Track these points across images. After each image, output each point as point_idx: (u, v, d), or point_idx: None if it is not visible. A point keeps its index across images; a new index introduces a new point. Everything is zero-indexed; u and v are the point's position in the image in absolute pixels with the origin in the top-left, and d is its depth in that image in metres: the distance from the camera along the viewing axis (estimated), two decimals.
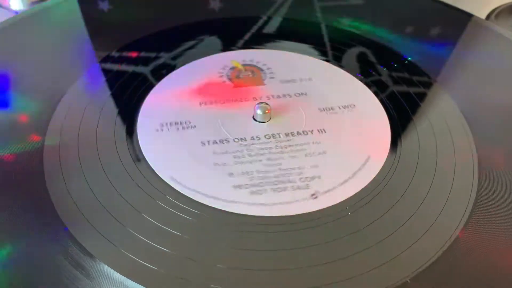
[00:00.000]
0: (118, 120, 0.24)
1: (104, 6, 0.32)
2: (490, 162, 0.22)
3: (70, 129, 0.23)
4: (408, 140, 0.23)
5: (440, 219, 0.19)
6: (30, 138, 0.22)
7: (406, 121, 0.24)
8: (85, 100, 0.25)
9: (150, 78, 0.27)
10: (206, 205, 0.19)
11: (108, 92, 0.26)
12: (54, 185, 0.20)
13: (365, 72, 0.28)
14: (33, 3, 0.33)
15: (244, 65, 0.28)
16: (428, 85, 0.27)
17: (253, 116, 0.24)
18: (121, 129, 0.23)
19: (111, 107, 0.24)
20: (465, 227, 0.19)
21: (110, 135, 0.23)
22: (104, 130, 0.23)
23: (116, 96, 0.25)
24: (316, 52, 0.29)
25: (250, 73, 0.27)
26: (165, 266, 0.17)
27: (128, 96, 0.25)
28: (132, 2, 0.34)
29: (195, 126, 0.23)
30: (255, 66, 0.28)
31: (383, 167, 0.21)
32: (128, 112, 0.24)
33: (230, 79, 0.27)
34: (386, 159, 0.22)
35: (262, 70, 0.28)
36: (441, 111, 0.25)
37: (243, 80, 0.27)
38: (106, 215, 0.19)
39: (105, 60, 0.28)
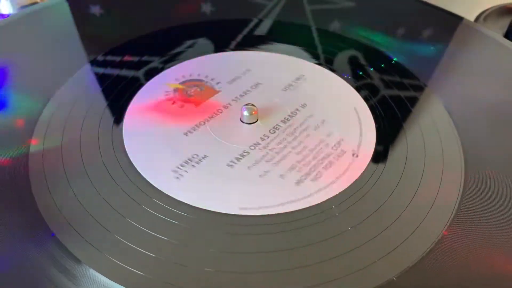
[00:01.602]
0: (106, 124, 0.23)
1: (96, 10, 0.32)
2: (478, 164, 0.22)
3: (57, 133, 0.23)
4: (396, 142, 0.23)
5: (426, 218, 0.19)
6: (16, 142, 0.22)
7: (394, 124, 0.24)
8: (74, 104, 0.25)
9: (141, 80, 0.27)
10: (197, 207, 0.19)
11: (100, 95, 0.25)
12: (40, 190, 0.20)
13: (354, 75, 0.28)
14: (22, 7, 0.33)
15: (182, 82, 0.27)
16: (417, 88, 0.27)
17: (240, 119, 0.24)
18: (108, 133, 0.23)
19: (100, 111, 0.24)
20: (450, 227, 0.19)
21: (97, 139, 0.22)
22: (93, 134, 0.23)
23: (107, 99, 0.25)
24: (307, 54, 0.29)
25: (195, 87, 0.26)
26: (164, 254, 0.17)
27: (118, 99, 0.25)
28: (124, 6, 0.34)
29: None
30: (194, 80, 0.27)
31: (369, 168, 0.21)
32: (116, 116, 0.24)
33: (184, 101, 0.25)
34: (373, 160, 0.22)
35: (203, 80, 0.27)
36: (430, 114, 0.25)
37: (197, 96, 0.26)
38: (93, 219, 0.19)
39: (95, 62, 0.28)
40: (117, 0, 0.34)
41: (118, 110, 0.24)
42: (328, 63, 0.29)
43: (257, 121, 0.24)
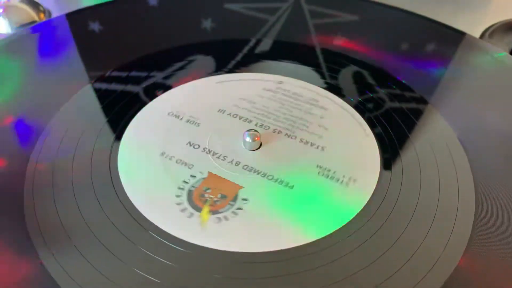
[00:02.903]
0: (115, 144, 0.23)
1: (95, 27, 0.32)
2: (487, 188, 0.21)
3: (60, 152, 0.23)
4: (400, 164, 0.22)
5: (437, 248, 0.19)
6: (12, 160, 0.22)
7: (398, 144, 0.24)
8: (76, 122, 0.24)
9: (143, 98, 0.26)
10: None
11: (101, 115, 0.25)
12: (32, 215, 0.20)
13: (357, 95, 0.27)
14: (21, 26, 0.33)
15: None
16: (421, 106, 0.26)
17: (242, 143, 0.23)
18: (112, 152, 0.23)
19: (103, 130, 0.24)
20: (464, 256, 0.18)
21: (101, 158, 0.22)
22: (96, 151, 0.23)
23: (109, 118, 0.25)
24: (309, 71, 0.29)
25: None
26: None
27: (120, 117, 0.25)
28: (123, 23, 0.34)
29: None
30: None
31: (373, 193, 0.21)
32: (116, 136, 0.24)
33: None
34: (377, 185, 0.21)
35: None
36: (435, 132, 0.24)
37: None
38: (84, 249, 0.18)
39: (97, 81, 0.27)
40: (116, 19, 0.34)
41: (122, 128, 0.24)
42: (332, 83, 0.28)
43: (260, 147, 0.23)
